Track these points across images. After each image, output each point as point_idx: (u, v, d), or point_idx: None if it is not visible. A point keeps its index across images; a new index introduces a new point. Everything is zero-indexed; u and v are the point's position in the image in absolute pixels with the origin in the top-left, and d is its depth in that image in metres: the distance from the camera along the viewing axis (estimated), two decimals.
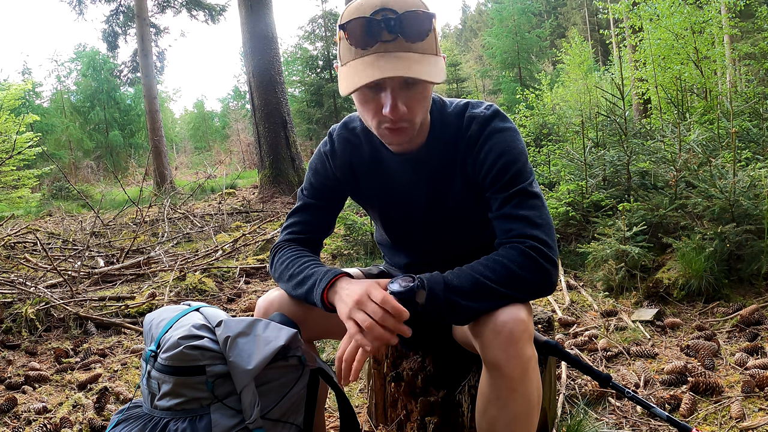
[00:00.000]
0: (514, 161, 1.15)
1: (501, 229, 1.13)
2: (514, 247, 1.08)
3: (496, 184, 1.15)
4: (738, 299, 2.58)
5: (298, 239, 1.32)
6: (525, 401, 1.03)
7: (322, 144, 1.35)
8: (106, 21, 15.39)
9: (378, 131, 1.13)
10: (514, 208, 1.12)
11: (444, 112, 1.23)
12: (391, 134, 1.11)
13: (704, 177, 2.97)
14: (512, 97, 17.99)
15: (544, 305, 2.85)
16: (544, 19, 35.59)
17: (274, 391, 1.06)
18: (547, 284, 1.08)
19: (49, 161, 11.89)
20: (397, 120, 1.07)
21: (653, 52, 7.40)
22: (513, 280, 1.04)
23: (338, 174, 1.32)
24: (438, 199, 1.28)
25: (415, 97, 1.08)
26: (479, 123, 1.19)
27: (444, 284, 1.05)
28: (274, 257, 1.30)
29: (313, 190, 1.34)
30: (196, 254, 4.31)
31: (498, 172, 1.15)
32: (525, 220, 1.10)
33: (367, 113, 1.11)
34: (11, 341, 2.69)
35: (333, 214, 1.37)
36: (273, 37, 8.65)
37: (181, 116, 43.09)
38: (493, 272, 1.05)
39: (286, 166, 8.57)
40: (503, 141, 1.17)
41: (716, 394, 1.78)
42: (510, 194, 1.13)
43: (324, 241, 1.41)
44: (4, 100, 10.72)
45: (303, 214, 1.34)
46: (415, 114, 1.10)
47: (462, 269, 1.08)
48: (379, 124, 1.11)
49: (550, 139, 6.71)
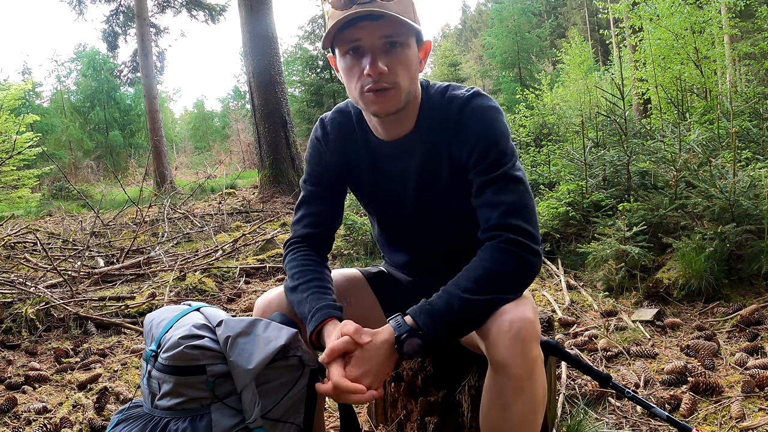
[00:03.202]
0: (496, 142, 1.16)
1: (482, 217, 1.15)
2: (491, 246, 1.09)
3: (478, 165, 1.16)
4: (738, 299, 2.58)
5: (311, 235, 1.32)
6: (531, 401, 1.03)
7: (314, 130, 1.36)
8: (106, 21, 15.39)
9: (363, 98, 1.15)
10: (494, 194, 1.13)
11: (430, 96, 1.24)
12: (375, 97, 1.13)
13: (704, 177, 2.97)
14: (512, 97, 17.98)
15: (544, 305, 2.85)
16: (544, 19, 35.58)
17: (274, 391, 1.06)
18: (531, 274, 1.10)
19: (49, 161, 11.88)
20: (378, 79, 1.10)
21: (653, 52, 7.40)
22: (498, 283, 1.05)
23: (333, 159, 1.32)
24: (428, 186, 1.28)
25: (396, 59, 1.12)
26: (459, 104, 1.20)
27: (439, 319, 1.03)
28: (285, 258, 1.31)
29: (313, 177, 1.35)
30: (196, 254, 4.31)
31: (480, 153, 1.15)
32: (504, 206, 1.11)
33: (352, 80, 1.14)
34: (11, 341, 2.69)
35: (338, 201, 1.37)
36: (273, 37, 8.65)
37: (181, 116, 43.14)
38: (475, 283, 1.05)
39: (286, 166, 8.57)
40: (485, 120, 1.17)
41: (716, 394, 1.78)
42: (491, 178, 1.14)
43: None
44: (4, 100, 10.72)
45: (310, 205, 1.34)
46: (396, 74, 1.12)
47: (448, 291, 1.07)
48: (362, 88, 1.13)
49: (550, 139, 6.71)
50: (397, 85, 1.12)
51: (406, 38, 1.13)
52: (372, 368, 1.03)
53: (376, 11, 1.07)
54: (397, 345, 1.02)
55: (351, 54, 1.13)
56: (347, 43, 1.12)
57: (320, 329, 1.12)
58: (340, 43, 1.14)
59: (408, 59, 1.14)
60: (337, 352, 1.04)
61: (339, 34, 1.12)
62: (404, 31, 1.12)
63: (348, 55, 1.13)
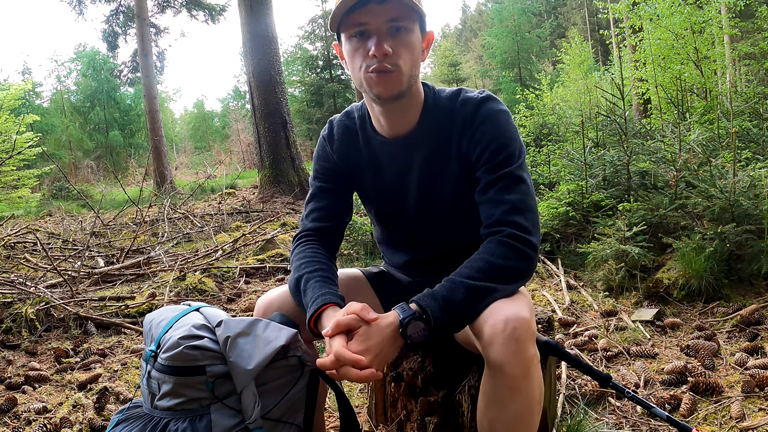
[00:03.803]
0: (507, 144, 1.19)
1: (484, 214, 1.18)
2: (493, 240, 1.12)
3: (487, 164, 1.19)
4: (738, 299, 2.58)
5: (318, 229, 1.34)
6: (527, 400, 1.03)
7: (323, 130, 1.41)
8: (106, 21, 15.39)
9: (366, 79, 1.17)
10: (498, 193, 1.16)
11: (437, 97, 1.27)
12: (378, 78, 1.15)
13: (704, 177, 2.97)
14: (512, 97, 17.98)
15: (544, 305, 2.85)
16: (544, 19, 35.60)
17: (274, 391, 1.06)
18: (530, 268, 1.13)
19: (49, 161, 11.89)
20: (382, 59, 1.13)
21: (653, 52, 7.40)
22: (498, 273, 1.08)
23: (336, 158, 1.36)
24: (432, 183, 1.29)
25: (401, 42, 1.15)
26: (474, 105, 1.22)
27: (443, 302, 1.04)
28: (293, 251, 1.33)
29: (321, 174, 1.38)
30: (196, 254, 4.31)
31: (491, 153, 1.19)
32: (508, 204, 1.14)
33: (356, 62, 1.17)
34: (11, 341, 2.69)
35: (346, 197, 1.40)
36: (273, 37, 8.65)
37: (181, 116, 43.14)
38: (478, 271, 1.08)
39: (286, 166, 8.57)
40: (498, 123, 1.21)
41: (716, 394, 1.78)
42: (497, 177, 1.17)
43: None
44: (4, 100, 10.72)
45: (319, 200, 1.37)
46: (400, 57, 1.15)
47: (450, 279, 1.08)
48: (367, 69, 1.15)
49: (550, 139, 6.71)
50: (398, 68, 1.15)
51: (411, 23, 1.17)
52: (375, 346, 1.02)
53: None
54: (402, 329, 1.03)
55: (357, 37, 1.16)
56: (353, 26, 1.15)
57: (320, 314, 1.12)
58: (346, 26, 1.17)
59: (411, 44, 1.17)
60: (342, 326, 1.04)
61: (345, 18, 1.15)
62: (409, 16, 1.15)
63: (354, 38, 1.17)
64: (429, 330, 1.03)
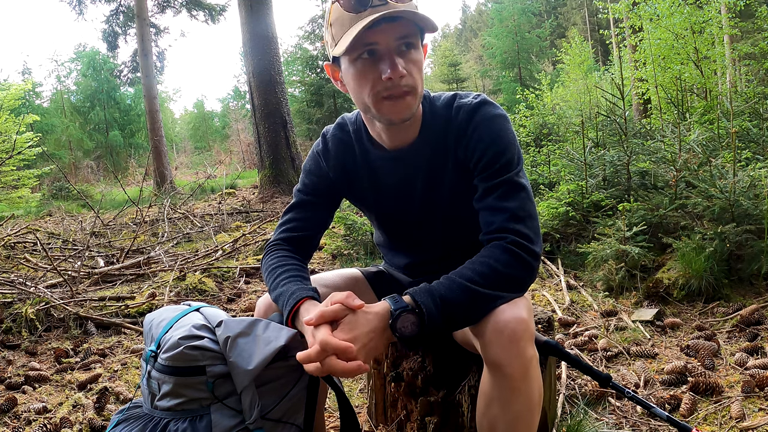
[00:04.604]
0: (504, 151, 1.16)
1: (484, 221, 1.15)
2: (497, 246, 1.09)
3: (484, 172, 1.16)
4: (738, 299, 2.58)
5: (291, 238, 1.31)
6: (526, 401, 1.03)
7: (316, 144, 1.36)
8: (106, 21, 15.39)
9: (377, 106, 1.11)
10: (497, 200, 1.13)
11: (434, 106, 1.24)
12: (392, 103, 1.10)
13: (704, 177, 2.97)
14: (512, 97, 17.99)
15: (544, 305, 2.85)
16: (544, 19, 35.59)
17: (274, 392, 1.06)
18: (531, 276, 1.10)
19: (49, 161, 11.89)
20: (398, 83, 1.07)
21: (653, 52, 7.40)
22: (501, 281, 1.05)
23: (332, 174, 1.33)
24: (432, 192, 1.28)
25: (412, 60, 1.09)
26: (468, 111, 1.19)
27: (439, 300, 1.01)
28: (263, 261, 1.30)
29: (308, 188, 1.34)
30: (196, 254, 4.31)
31: (488, 160, 1.15)
32: (508, 212, 1.11)
33: (366, 86, 1.10)
34: (11, 341, 2.69)
35: (329, 210, 1.37)
36: (273, 37, 8.65)
37: (181, 116, 43.14)
38: (480, 276, 1.04)
39: (286, 166, 8.57)
40: (493, 129, 1.17)
41: (716, 394, 1.78)
42: (495, 183, 1.14)
43: (322, 241, 1.41)
44: (4, 100, 10.72)
45: (298, 211, 1.34)
46: (415, 79, 1.10)
47: (451, 278, 1.05)
48: (378, 95, 1.10)
49: (550, 139, 6.71)
50: (412, 90, 1.10)
51: (417, 39, 1.11)
52: (362, 335, 0.97)
53: (393, 12, 1.02)
54: (392, 320, 0.99)
55: (364, 58, 1.08)
56: (361, 47, 1.06)
57: (296, 310, 1.08)
58: (351, 48, 1.06)
59: (420, 61, 1.12)
60: (328, 316, 0.98)
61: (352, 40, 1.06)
62: (415, 31, 1.09)
63: (360, 59, 1.08)
64: (421, 326, 0.99)
